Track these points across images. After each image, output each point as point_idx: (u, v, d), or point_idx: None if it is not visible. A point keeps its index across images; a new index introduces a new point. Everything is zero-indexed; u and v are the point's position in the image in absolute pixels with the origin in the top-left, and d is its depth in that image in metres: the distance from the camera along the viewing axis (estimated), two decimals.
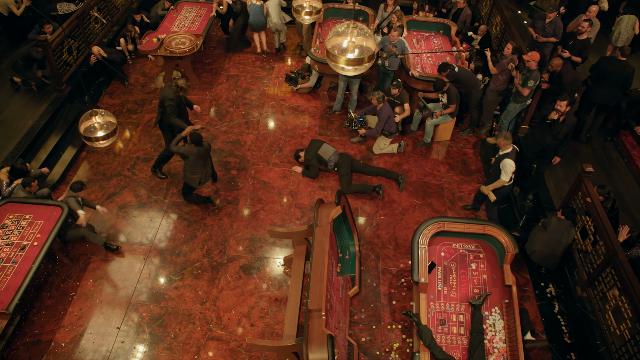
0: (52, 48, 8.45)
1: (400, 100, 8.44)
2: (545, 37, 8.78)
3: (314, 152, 7.77)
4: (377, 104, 7.99)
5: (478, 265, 6.07)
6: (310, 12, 6.03)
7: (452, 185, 7.94)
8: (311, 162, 7.82)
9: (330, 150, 7.82)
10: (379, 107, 8.03)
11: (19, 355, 5.79)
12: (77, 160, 8.23)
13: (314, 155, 7.77)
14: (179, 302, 6.32)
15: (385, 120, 8.08)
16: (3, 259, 5.86)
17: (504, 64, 7.88)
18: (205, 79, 10.01)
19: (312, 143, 7.90)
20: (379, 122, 8.12)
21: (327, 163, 7.77)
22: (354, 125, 8.33)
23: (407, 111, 8.48)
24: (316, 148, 7.81)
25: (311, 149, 7.82)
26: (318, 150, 7.76)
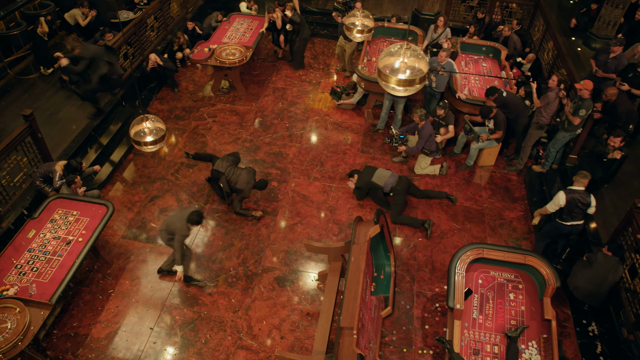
0: None
1: (445, 121, 8.37)
2: (606, 73, 8.36)
3: (365, 180, 7.54)
4: (419, 121, 7.91)
5: (516, 295, 5.89)
6: (362, 31, 6.07)
7: (494, 211, 7.78)
8: (361, 188, 7.66)
9: (385, 174, 7.56)
10: (421, 124, 7.95)
11: (57, 345, 5.97)
12: (124, 162, 8.49)
13: (365, 183, 7.55)
14: (211, 308, 6.39)
15: (426, 139, 7.99)
16: (50, 252, 6.07)
17: (549, 97, 7.66)
18: (253, 90, 10.20)
19: (366, 170, 7.66)
20: (420, 140, 8.04)
21: (383, 188, 7.52)
22: (394, 141, 8.26)
23: (451, 133, 8.40)
24: (369, 176, 7.55)
25: (364, 176, 7.58)
26: (371, 178, 7.51)
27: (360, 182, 7.60)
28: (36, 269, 5.88)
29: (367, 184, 7.54)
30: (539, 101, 7.78)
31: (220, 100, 9.90)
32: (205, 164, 8.38)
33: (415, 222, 7.44)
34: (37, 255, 6.03)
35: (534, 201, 7.80)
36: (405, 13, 12.31)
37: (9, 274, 5.80)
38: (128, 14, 10.90)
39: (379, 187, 7.52)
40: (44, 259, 6.00)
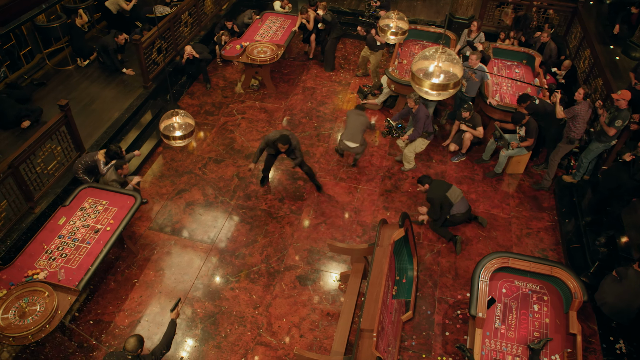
0: (143, 47, 8.93)
1: (472, 123, 8.26)
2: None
3: (439, 194, 7.00)
4: (414, 105, 7.79)
5: (541, 307, 5.78)
6: (395, 33, 6.03)
7: (521, 220, 7.64)
8: (433, 200, 7.05)
9: (458, 194, 7.10)
10: (415, 108, 7.82)
11: (82, 330, 6.10)
12: (154, 155, 8.63)
13: (438, 197, 6.99)
14: (233, 303, 6.44)
15: (424, 121, 7.84)
16: (78, 239, 6.21)
17: (575, 109, 7.35)
18: (282, 88, 10.25)
19: (438, 183, 7.16)
20: (418, 123, 7.86)
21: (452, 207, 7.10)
22: (394, 133, 8.11)
23: (480, 134, 8.28)
24: (442, 190, 7.04)
25: (437, 189, 7.05)
26: (445, 193, 7.00)
27: (433, 193, 7.04)
28: (65, 255, 6.03)
29: (441, 198, 6.99)
30: (564, 113, 7.51)
31: (249, 98, 9.98)
32: (232, 160, 8.46)
33: (446, 234, 7.28)
34: (66, 242, 6.18)
35: (562, 212, 7.63)
36: (439, 16, 12.20)
37: (40, 259, 5.97)
38: (164, 8, 11.07)
39: (452, 205, 7.04)
40: (73, 245, 6.14)
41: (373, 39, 9.62)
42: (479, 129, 8.28)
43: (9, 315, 5.24)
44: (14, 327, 5.14)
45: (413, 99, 7.74)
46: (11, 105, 8.14)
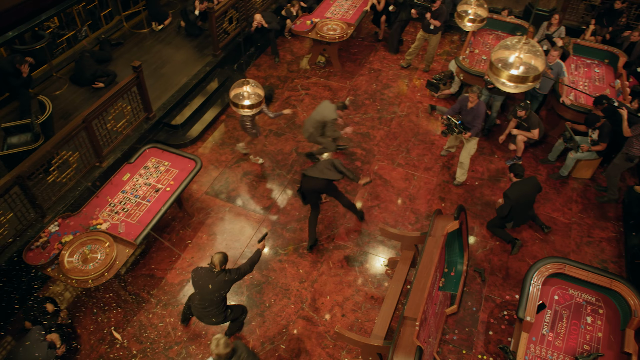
0: (215, 16, 9.06)
1: (528, 123, 7.86)
2: None
3: (526, 192, 6.64)
4: (476, 99, 7.20)
5: (595, 320, 5.53)
6: (473, 20, 5.82)
7: (583, 227, 7.31)
8: (509, 198, 6.61)
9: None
10: (475, 103, 7.22)
11: (135, 282, 6.42)
12: (217, 122, 8.81)
13: (522, 195, 6.59)
14: (279, 275, 6.55)
15: (483, 117, 7.31)
16: (140, 196, 6.48)
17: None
18: (348, 67, 10.17)
19: (523, 186, 6.67)
20: (478, 119, 7.26)
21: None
22: (455, 130, 7.49)
23: (535, 136, 7.88)
24: (524, 193, 6.64)
25: (518, 192, 6.60)
26: (526, 197, 6.66)
27: (512, 192, 6.57)
28: (126, 209, 6.31)
29: (517, 200, 6.54)
30: (630, 130, 6.97)
31: (315, 74, 9.97)
32: (293, 134, 8.53)
33: (505, 237, 7.01)
34: (128, 197, 6.45)
35: (630, 224, 7.23)
36: (517, 6, 11.67)
37: (103, 210, 6.27)
38: None
39: (525, 211, 6.75)
40: (134, 201, 6.41)
41: (428, 23, 9.35)
42: (534, 130, 7.86)
43: (73, 259, 5.58)
44: (77, 271, 5.47)
45: (476, 93, 7.18)
46: (90, 64, 8.53)
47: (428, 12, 9.27)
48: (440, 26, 9.40)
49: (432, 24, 9.28)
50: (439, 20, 9.23)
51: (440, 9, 9.16)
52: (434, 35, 9.56)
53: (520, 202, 6.59)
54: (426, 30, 9.53)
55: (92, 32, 9.60)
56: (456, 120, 7.45)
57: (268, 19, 9.80)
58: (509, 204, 6.57)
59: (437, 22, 9.23)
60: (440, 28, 9.45)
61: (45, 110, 7.24)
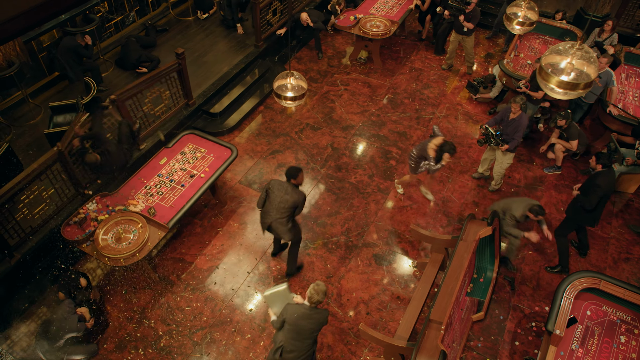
0: (260, 7, 9.11)
1: (567, 133, 7.58)
2: None
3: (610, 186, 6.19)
4: (519, 110, 6.90)
5: (629, 340, 5.33)
6: (522, 23, 5.66)
7: (622, 243, 7.05)
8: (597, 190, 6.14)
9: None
10: (518, 114, 6.93)
11: (166, 265, 6.54)
12: (254, 113, 8.88)
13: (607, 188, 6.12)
14: (307, 268, 6.56)
15: (524, 130, 7.02)
16: (175, 181, 6.59)
17: None
18: (389, 65, 10.08)
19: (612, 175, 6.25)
20: (519, 131, 6.97)
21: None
22: (492, 141, 7.19)
23: (573, 147, 7.60)
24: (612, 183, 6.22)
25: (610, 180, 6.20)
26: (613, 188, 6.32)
27: (604, 180, 6.14)
28: (161, 193, 6.43)
29: (610, 190, 6.19)
30: None
31: (355, 70, 9.93)
32: (329, 129, 8.52)
33: (564, 253, 6.63)
34: (164, 181, 6.57)
35: None
36: (569, 11, 11.31)
37: (139, 192, 6.40)
38: None
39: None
40: (169, 185, 6.52)
41: (461, 24, 9.14)
42: (572, 142, 7.56)
43: (108, 237, 5.73)
44: (110, 249, 5.62)
45: (520, 104, 6.88)
46: (135, 49, 8.73)
47: (462, 15, 9.09)
48: (474, 28, 9.21)
49: (465, 26, 9.09)
50: (472, 23, 9.03)
51: (474, 11, 8.96)
52: (468, 37, 9.37)
53: (607, 194, 6.16)
54: (459, 32, 9.35)
55: (139, 18, 9.80)
56: (494, 131, 7.16)
57: (314, 17, 9.79)
58: (599, 193, 6.06)
59: (471, 24, 9.03)
60: (474, 30, 9.26)
61: (90, 92, 7.44)
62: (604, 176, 6.15)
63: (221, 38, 9.87)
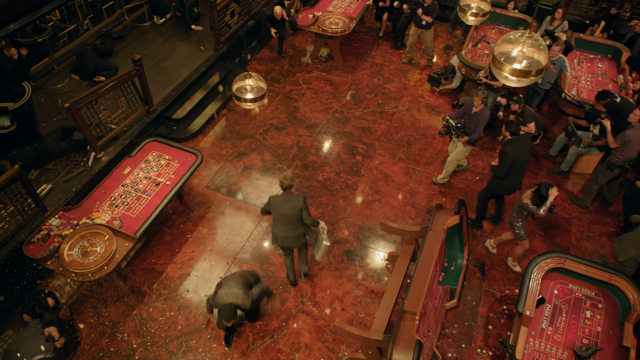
0: (218, 10, 9.03)
1: (522, 117, 7.78)
2: None
3: (517, 154, 6.35)
4: (481, 104, 7.05)
5: (594, 314, 5.53)
6: (476, 14, 5.78)
7: (583, 222, 7.30)
8: (505, 159, 6.35)
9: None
10: (480, 108, 7.07)
11: (136, 276, 6.43)
12: (218, 116, 8.81)
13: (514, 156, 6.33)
14: (279, 269, 6.56)
15: (485, 123, 7.15)
16: (140, 190, 6.48)
17: (627, 135, 6.65)
18: (350, 62, 10.14)
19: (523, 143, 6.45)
20: (480, 125, 7.10)
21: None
22: (453, 133, 7.33)
23: (531, 130, 7.80)
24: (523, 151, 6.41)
25: (518, 149, 6.38)
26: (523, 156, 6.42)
27: (511, 149, 6.32)
28: (127, 203, 6.32)
29: (516, 158, 6.33)
30: (614, 141, 6.82)
31: (317, 68, 9.95)
32: (294, 128, 8.52)
33: (481, 214, 7.00)
34: (129, 191, 6.46)
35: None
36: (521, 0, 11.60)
37: (104, 204, 6.28)
38: None
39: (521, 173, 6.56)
40: (134, 195, 6.42)
41: (420, 18, 9.29)
42: (529, 125, 7.79)
43: (73, 252, 5.60)
44: (77, 264, 5.49)
45: (481, 97, 7.00)
46: (92, 58, 8.51)
47: (420, 8, 9.22)
48: (433, 21, 9.35)
49: (424, 19, 9.22)
50: (431, 16, 9.17)
51: (433, 4, 9.10)
52: (427, 31, 9.52)
53: (519, 160, 6.36)
54: (418, 26, 9.48)
55: (93, 26, 9.59)
56: (455, 123, 7.28)
57: (287, 11, 9.71)
58: (508, 160, 6.30)
59: (429, 17, 9.17)
60: (433, 23, 9.40)
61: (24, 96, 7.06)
62: (511, 144, 6.35)
63: (180, 42, 9.75)
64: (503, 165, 6.36)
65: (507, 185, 6.60)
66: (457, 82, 9.27)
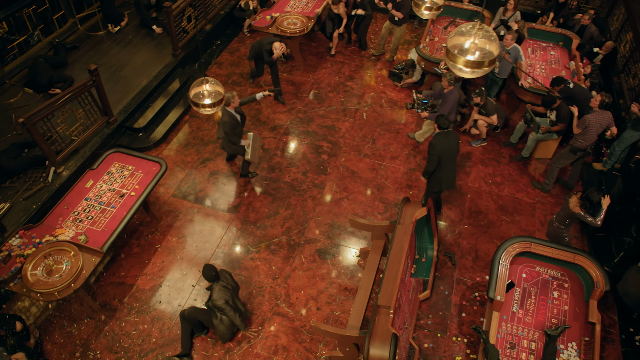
0: (173, 15, 8.90)
1: (485, 109, 8.03)
2: None
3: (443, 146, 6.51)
4: (448, 86, 7.41)
5: (561, 294, 5.72)
6: (430, 8, 5.87)
7: (546, 206, 7.51)
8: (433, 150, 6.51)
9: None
10: (448, 89, 7.44)
11: (106, 291, 6.30)
12: (180, 123, 8.69)
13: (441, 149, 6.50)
14: (252, 273, 6.53)
15: (451, 104, 7.43)
16: (104, 203, 6.35)
17: (587, 120, 6.84)
18: (311, 61, 10.15)
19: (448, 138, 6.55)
20: (445, 104, 7.43)
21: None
22: (417, 106, 7.88)
23: (493, 121, 8.06)
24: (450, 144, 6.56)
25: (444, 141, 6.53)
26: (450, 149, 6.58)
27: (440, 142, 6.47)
28: (91, 217, 6.18)
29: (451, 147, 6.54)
30: (577, 126, 7.03)
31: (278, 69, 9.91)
32: (258, 131, 8.48)
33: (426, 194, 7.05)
34: (92, 205, 6.32)
35: None
36: None
37: (67, 219, 6.12)
38: None
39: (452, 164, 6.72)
40: (99, 208, 6.28)
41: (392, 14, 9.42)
42: (492, 116, 8.03)
43: (37, 272, 5.43)
44: (41, 284, 5.33)
45: (447, 79, 7.36)
46: (45, 70, 8.25)
47: (389, 3, 9.30)
48: (404, 18, 9.45)
49: (395, 15, 9.33)
50: (402, 12, 9.27)
51: (404, 0, 9.20)
52: (398, 27, 9.62)
53: (447, 154, 6.51)
54: (392, 21, 9.60)
55: (45, 37, 9.31)
56: (420, 99, 7.76)
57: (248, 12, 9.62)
58: (435, 153, 6.45)
59: (399, 13, 9.28)
60: (404, 20, 9.50)
61: None
62: (440, 137, 6.52)
63: (137, 50, 9.56)
64: (431, 157, 6.53)
65: (439, 182, 6.71)
66: (417, 75, 9.40)
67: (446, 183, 6.73)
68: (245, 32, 10.81)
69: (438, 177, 6.66)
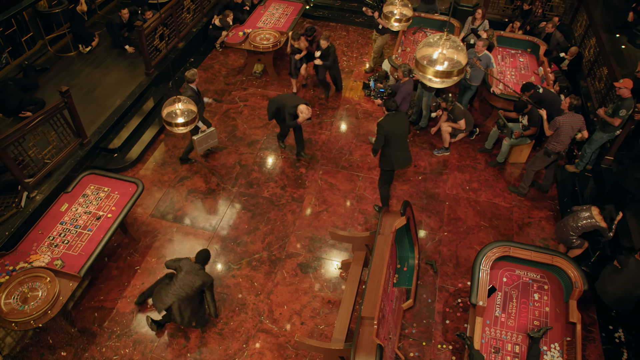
0: (146, 33, 8.87)
1: (453, 115, 8.20)
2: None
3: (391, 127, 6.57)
4: (402, 77, 7.78)
5: (541, 296, 5.79)
6: (400, 20, 5.97)
7: (523, 210, 7.63)
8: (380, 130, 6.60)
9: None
10: (403, 80, 7.81)
11: (85, 316, 6.15)
12: (156, 142, 8.61)
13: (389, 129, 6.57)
14: (234, 290, 6.47)
15: (403, 96, 7.71)
16: (80, 226, 6.23)
17: (557, 122, 7.01)
18: (285, 76, 10.19)
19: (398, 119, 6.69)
20: (398, 94, 7.76)
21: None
22: (373, 95, 8.16)
23: (461, 127, 8.23)
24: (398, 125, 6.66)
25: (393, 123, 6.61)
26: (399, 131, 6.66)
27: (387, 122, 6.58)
28: (67, 241, 6.06)
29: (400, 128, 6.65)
30: (549, 128, 7.19)
31: (252, 85, 9.94)
32: (235, 147, 8.46)
33: (386, 196, 7.23)
34: (68, 229, 6.20)
35: (564, 202, 7.62)
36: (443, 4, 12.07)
37: (42, 245, 5.99)
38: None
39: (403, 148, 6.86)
40: (74, 232, 6.16)
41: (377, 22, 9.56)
42: (460, 121, 8.20)
43: (12, 300, 5.28)
44: (16, 313, 5.18)
45: (402, 70, 7.73)
46: (14, 93, 8.10)
47: (376, 11, 9.44)
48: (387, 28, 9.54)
49: (380, 23, 9.45)
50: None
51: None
52: (380, 36, 9.73)
53: (395, 134, 6.60)
54: (377, 31, 9.72)
55: (13, 59, 9.16)
56: (378, 88, 8.21)
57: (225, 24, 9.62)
58: (383, 133, 6.54)
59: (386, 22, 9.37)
60: (387, 30, 9.60)
61: None
62: (388, 118, 6.66)
63: (109, 70, 9.48)
64: (378, 137, 6.65)
65: (389, 161, 6.82)
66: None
67: (397, 162, 6.83)
68: (217, 48, 10.82)
69: (388, 155, 6.78)
